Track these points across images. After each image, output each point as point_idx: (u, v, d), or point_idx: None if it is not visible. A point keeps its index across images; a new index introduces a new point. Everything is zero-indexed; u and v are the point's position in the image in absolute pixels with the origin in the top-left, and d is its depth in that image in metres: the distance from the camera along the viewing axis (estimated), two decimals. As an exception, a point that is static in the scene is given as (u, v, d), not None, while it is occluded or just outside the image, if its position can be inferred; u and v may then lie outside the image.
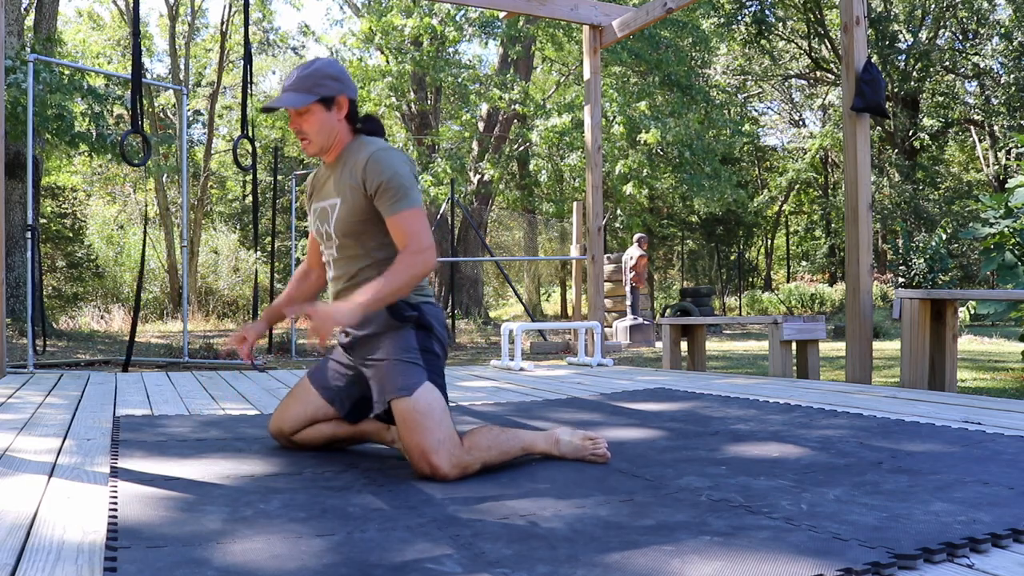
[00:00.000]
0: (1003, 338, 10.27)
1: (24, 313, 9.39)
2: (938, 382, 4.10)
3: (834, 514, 1.56)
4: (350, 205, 2.05)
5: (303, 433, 2.25)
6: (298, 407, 2.24)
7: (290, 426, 2.26)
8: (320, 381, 2.22)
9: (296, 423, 2.24)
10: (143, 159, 5.96)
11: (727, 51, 23.71)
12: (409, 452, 1.91)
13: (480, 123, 16.08)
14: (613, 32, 6.56)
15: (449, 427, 1.92)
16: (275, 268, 10.73)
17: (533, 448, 2.12)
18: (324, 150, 2.12)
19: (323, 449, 2.28)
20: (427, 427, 1.88)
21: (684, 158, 14.99)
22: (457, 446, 1.90)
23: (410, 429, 1.90)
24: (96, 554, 1.35)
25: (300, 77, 2.05)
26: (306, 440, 2.25)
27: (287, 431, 2.26)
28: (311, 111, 2.05)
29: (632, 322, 10.90)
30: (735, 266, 26.37)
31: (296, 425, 2.25)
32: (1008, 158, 22.13)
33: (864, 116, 4.46)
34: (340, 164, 2.11)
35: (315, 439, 2.25)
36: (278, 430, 2.29)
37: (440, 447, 1.87)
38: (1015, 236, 5.98)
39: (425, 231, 1.99)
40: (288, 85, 2.06)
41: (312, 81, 2.04)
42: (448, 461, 1.87)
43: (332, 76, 2.07)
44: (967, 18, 22.03)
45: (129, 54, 22.51)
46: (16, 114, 8.35)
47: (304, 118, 2.06)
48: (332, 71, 2.07)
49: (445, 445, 1.88)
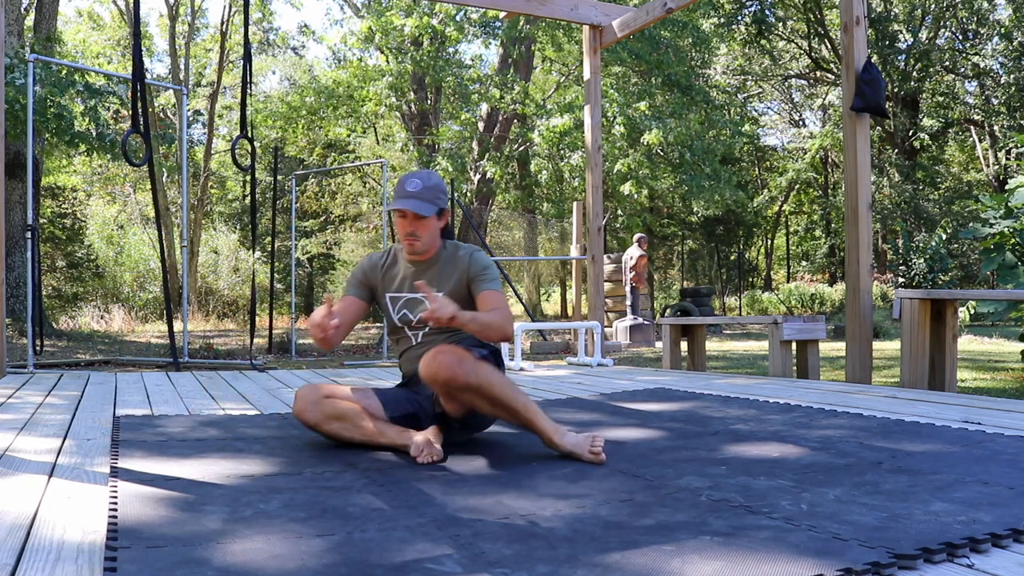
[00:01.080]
0: (1003, 338, 10.27)
1: (24, 313, 9.39)
2: (938, 382, 4.10)
3: (834, 514, 1.56)
4: (452, 295, 2.38)
5: (335, 403, 2.32)
6: (348, 390, 2.39)
7: (329, 391, 2.35)
8: (381, 392, 2.42)
9: (340, 392, 2.36)
10: (144, 159, 5.96)
11: (727, 51, 23.70)
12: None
13: (480, 123, 16.08)
14: (613, 32, 6.56)
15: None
16: (275, 268, 10.73)
17: (537, 420, 2.20)
18: (425, 250, 2.44)
19: (335, 441, 2.33)
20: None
21: (684, 159, 14.98)
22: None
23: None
24: (96, 554, 1.35)
25: (425, 188, 2.38)
26: (332, 411, 2.31)
27: (324, 392, 2.34)
28: (428, 219, 2.39)
29: (632, 322, 10.90)
30: (735, 266, 26.38)
31: (338, 393, 2.35)
32: (1008, 158, 22.13)
33: (864, 116, 4.46)
34: (436, 262, 2.47)
35: (341, 413, 2.31)
36: (315, 393, 2.33)
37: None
38: (1015, 236, 5.98)
39: (508, 307, 2.37)
40: (413, 191, 2.38)
41: (433, 194, 2.40)
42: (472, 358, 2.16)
43: (444, 191, 2.45)
44: (967, 18, 22.03)
45: (129, 54, 22.53)
46: (16, 114, 8.35)
47: (421, 223, 2.38)
48: (443, 186, 2.46)
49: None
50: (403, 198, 2.38)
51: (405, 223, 2.39)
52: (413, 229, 2.39)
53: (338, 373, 5.46)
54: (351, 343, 11.28)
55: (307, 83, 18.13)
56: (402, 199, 2.37)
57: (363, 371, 5.71)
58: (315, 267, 27.57)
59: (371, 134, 22.59)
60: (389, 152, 21.07)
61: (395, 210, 2.38)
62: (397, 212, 2.38)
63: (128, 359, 7.75)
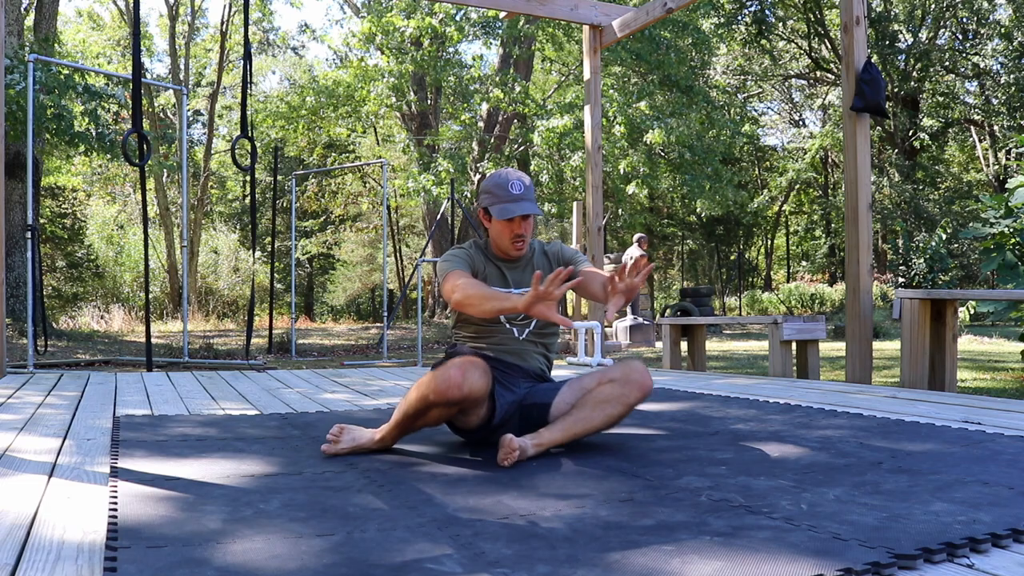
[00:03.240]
0: (1003, 338, 10.27)
1: (24, 313, 9.40)
2: (938, 382, 4.10)
3: (834, 514, 1.56)
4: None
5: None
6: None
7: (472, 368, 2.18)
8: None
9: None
10: (143, 159, 5.96)
11: (727, 51, 23.70)
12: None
13: (480, 123, 16.08)
14: (613, 32, 6.56)
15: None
16: (275, 268, 10.73)
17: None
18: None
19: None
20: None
21: (684, 160, 14.98)
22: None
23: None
24: (96, 554, 1.35)
25: (528, 187, 2.36)
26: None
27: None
28: (531, 219, 2.37)
29: (632, 322, 10.90)
30: (735, 266, 26.39)
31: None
32: (1008, 158, 22.14)
33: (864, 116, 4.46)
34: (529, 257, 2.47)
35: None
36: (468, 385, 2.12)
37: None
38: (1015, 236, 5.98)
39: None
40: (524, 193, 2.34)
41: (534, 193, 2.39)
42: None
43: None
44: (967, 18, 22.03)
45: (129, 54, 22.54)
46: (16, 114, 8.35)
47: (527, 223, 2.36)
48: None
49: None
50: (521, 201, 2.31)
51: (518, 226, 2.33)
52: (524, 232, 2.35)
53: (338, 373, 5.46)
54: (351, 343, 11.28)
55: (307, 83, 18.15)
56: (525, 202, 2.31)
57: (363, 371, 5.71)
58: (315, 267, 27.60)
59: (371, 134, 22.59)
60: (389, 152, 21.07)
61: (510, 215, 2.30)
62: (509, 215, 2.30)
63: (128, 359, 7.76)
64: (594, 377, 2.29)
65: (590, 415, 2.20)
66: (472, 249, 2.45)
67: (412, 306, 19.12)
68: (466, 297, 2.18)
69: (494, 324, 2.41)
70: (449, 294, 2.26)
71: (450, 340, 2.56)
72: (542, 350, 2.47)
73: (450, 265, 2.35)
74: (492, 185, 2.36)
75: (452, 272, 2.30)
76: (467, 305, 2.19)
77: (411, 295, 20.49)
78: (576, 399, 2.25)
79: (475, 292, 2.19)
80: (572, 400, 2.26)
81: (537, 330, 2.43)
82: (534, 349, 2.43)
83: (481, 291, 2.19)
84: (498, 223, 2.35)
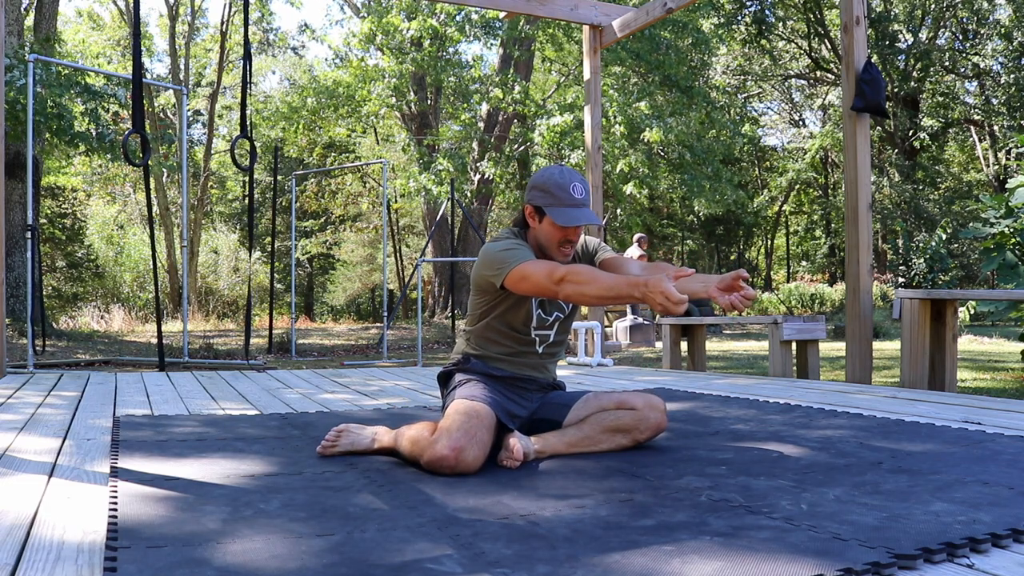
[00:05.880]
0: (1003, 338, 10.27)
1: (24, 313, 9.39)
2: (938, 382, 4.10)
3: (834, 514, 1.56)
4: None
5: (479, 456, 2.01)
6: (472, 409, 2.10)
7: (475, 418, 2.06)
8: (495, 404, 2.17)
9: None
10: (143, 159, 5.96)
11: (727, 51, 23.69)
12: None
13: (480, 123, 16.08)
14: (613, 32, 6.56)
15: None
16: (275, 268, 10.73)
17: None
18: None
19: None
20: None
21: (684, 160, 14.97)
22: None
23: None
24: (96, 554, 1.35)
25: (588, 191, 2.20)
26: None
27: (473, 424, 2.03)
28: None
29: (632, 322, 10.89)
30: (735, 266, 26.37)
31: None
32: (1008, 158, 22.13)
33: (864, 116, 4.46)
34: (575, 261, 2.32)
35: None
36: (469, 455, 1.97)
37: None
38: (1015, 236, 5.98)
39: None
40: (586, 200, 2.18)
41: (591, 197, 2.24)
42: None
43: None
44: (967, 18, 22.02)
45: (129, 54, 22.54)
46: (16, 114, 8.35)
47: (580, 229, 2.20)
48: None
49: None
50: (583, 207, 2.14)
51: (572, 232, 2.16)
52: (576, 239, 2.19)
53: (338, 373, 5.46)
54: (351, 343, 11.28)
55: (307, 83, 18.13)
56: (587, 209, 2.15)
57: (363, 371, 5.71)
58: (315, 267, 27.59)
59: (371, 134, 22.59)
60: (389, 152, 21.06)
61: (573, 222, 2.14)
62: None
63: (128, 359, 7.76)
64: (613, 399, 2.27)
65: (598, 438, 2.22)
66: (520, 239, 2.23)
67: (412, 306, 19.12)
68: (583, 284, 1.93)
69: (523, 341, 2.28)
70: (544, 285, 2.00)
71: (459, 349, 2.36)
72: (554, 361, 2.44)
73: (516, 254, 2.09)
74: (551, 184, 2.14)
75: (525, 263, 2.05)
76: (585, 294, 1.95)
77: (411, 295, 20.48)
78: (589, 413, 2.25)
79: (589, 276, 1.95)
80: (584, 414, 2.25)
81: (553, 343, 2.36)
82: (549, 361, 2.40)
83: (595, 274, 1.97)
84: (551, 226, 2.15)
